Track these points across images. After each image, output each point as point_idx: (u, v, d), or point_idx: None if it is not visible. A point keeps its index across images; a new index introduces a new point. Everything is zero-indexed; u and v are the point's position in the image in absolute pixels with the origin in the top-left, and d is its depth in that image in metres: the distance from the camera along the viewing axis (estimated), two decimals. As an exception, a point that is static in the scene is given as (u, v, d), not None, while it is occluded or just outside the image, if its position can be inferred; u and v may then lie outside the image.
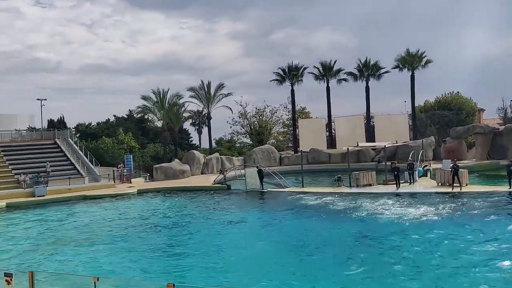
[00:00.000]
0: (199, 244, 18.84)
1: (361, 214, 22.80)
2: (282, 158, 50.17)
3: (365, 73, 52.94)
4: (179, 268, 15.49)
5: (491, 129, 42.64)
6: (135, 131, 63.58)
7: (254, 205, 28.41)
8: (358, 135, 46.60)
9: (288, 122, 62.01)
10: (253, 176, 33.95)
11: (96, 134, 60.59)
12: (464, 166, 33.66)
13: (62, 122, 62.85)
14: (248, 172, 34.90)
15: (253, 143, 58.71)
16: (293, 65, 54.25)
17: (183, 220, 24.44)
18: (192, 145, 67.33)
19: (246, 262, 15.90)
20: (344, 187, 31.24)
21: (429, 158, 42.58)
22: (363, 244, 17.52)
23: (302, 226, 21.41)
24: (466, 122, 51.15)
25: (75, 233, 22.20)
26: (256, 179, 33.57)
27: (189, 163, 44.14)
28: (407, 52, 51.61)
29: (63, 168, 40.60)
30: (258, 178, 33.46)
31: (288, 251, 17.14)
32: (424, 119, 54.94)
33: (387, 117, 50.63)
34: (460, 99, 56.53)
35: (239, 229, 21.81)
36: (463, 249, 15.60)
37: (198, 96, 55.14)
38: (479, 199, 24.45)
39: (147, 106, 53.70)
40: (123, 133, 57.70)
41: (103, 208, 29.54)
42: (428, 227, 19.34)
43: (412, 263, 14.66)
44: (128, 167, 43.82)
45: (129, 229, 22.48)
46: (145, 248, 18.43)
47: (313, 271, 14.45)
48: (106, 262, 16.64)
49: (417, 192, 28.21)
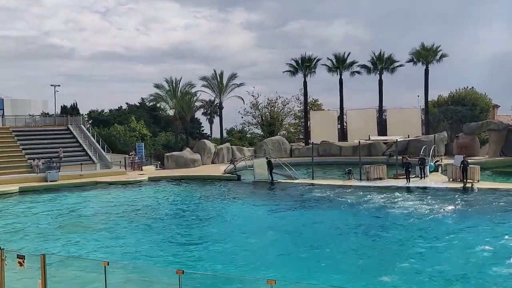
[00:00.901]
0: (206, 232, 19.00)
1: (369, 207, 22.81)
2: (292, 149, 50.14)
3: (378, 66, 52.49)
4: (187, 255, 15.63)
5: (505, 126, 42.16)
6: (147, 119, 63.80)
7: (262, 196, 28.48)
8: (370, 128, 46.25)
9: (299, 114, 61.82)
10: (262, 166, 33.99)
11: (108, 121, 60.91)
12: (477, 162, 33.42)
13: (75, 108, 63.23)
14: (256, 163, 34.94)
15: (264, 134, 58.69)
16: (306, 57, 53.91)
17: (192, 208, 24.61)
18: (203, 135, 67.42)
19: (250, 251, 16.00)
20: (354, 180, 31.20)
21: (441, 153, 42.28)
22: (364, 235, 17.62)
23: (309, 217, 21.47)
24: (480, 118, 50.57)
25: (86, 217, 22.51)
26: (264, 169, 33.61)
27: (200, 152, 44.28)
28: (422, 45, 51.07)
29: (75, 154, 40.97)
30: (267, 169, 33.50)
31: (292, 243, 17.20)
32: (437, 114, 54.42)
33: (399, 111, 50.18)
34: (474, 94, 55.88)
35: (244, 218, 21.89)
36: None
37: (210, 86, 55.18)
38: (489, 195, 24.32)
39: (159, 95, 53.86)
40: (135, 121, 57.94)
41: (114, 194, 29.84)
42: (433, 221, 19.35)
43: (420, 257, 14.67)
44: (140, 154, 44.11)
45: (138, 215, 22.71)
46: (153, 235, 18.63)
47: (315, 264, 14.51)
48: (115, 247, 16.84)
49: (427, 186, 28.07)
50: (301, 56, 54.01)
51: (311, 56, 54.01)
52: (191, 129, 61.06)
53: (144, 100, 65.17)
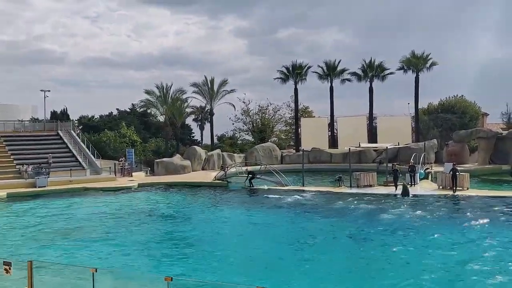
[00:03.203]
0: (195, 238, 18.88)
1: (358, 214, 22.87)
2: (283, 156, 50.17)
3: (369, 74, 52.79)
4: (174, 262, 15.51)
5: (494, 134, 42.51)
6: (138, 125, 63.59)
7: (252, 203, 28.37)
8: (360, 135, 46.49)
9: (290, 121, 62.00)
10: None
11: (99, 127, 60.61)
12: (466, 170, 33.62)
13: (65, 114, 62.89)
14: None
15: (255, 141, 58.71)
16: (297, 64, 54.11)
17: (181, 214, 24.50)
18: (194, 141, 67.33)
19: (239, 258, 15.93)
20: (344, 187, 31.24)
21: (431, 161, 42.49)
22: (350, 242, 17.64)
23: (298, 224, 21.45)
24: (470, 126, 50.96)
25: (74, 224, 22.25)
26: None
27: (190, 158, 44.15)
28: (412, 53, 51.46)
29: (65, 160, 40.66)
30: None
31: (283, 249, 17.15)
32: (427, 121, 54.80)
33: (390, 118, 50.52)
34: (464, 102, 56.37)
35: (234, 225, 21.80)
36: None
37: (201, 92, 55.18)
38: (477, 203, 24.49)
39: (150, 101, 53.79)
40: (126, 127, 57.71)
41: (103, 200, 29.61)
42: (419, 228, 19.43)
43: (404, 263, 14.70)
44: (130, 160, 43.92)
45: (127, 221, 22.54)
46: (142, 241, 18.47)
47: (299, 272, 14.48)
48: (104, 253, 16.67)
49: (417, 194, 28.14)
50: (292, 64, 54.28)
51: (302, 64, 54.32)
52: (181, 135, 60.93)
53: (135, 106, 65.11)
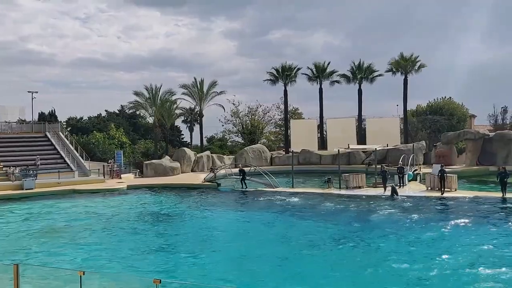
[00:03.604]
0: (184, 240, 18.81)
1: (347, 216, 22.96)
2: (273, 158, 50.19)
3: (358, 76, 53.04)
4: (164, 264, 15.44)
5: (481, 136, 42.89)
6: (127, 127, 63.37)
7: (241, 204, 28.33)
8: (350, 137, 46.70)
9: (280, 122, 62.09)
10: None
11: (87, 128, 60.31)
12: (454, 171, 33.87)
13: (53, 115, 62.45)
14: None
15: (245, 142, 58.69)
16: (287, 66, 54.22)
17: (169, 216, 24.41)
18: (183, 143, 67.19)
19: (228, 260, 15.91)
20: (333, 189, 31.32)
21: (419, 162, 42.76)
22: (337, 244, 17.64)
23: (288, 225, 21.47)
24: (457, 127, 51.42)
25: (62, 226, 22.07)
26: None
27: (180, 160, 44.02)
28: (401, 56, 51.78)
29: (52, 162, 40.30)
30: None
31: (271, 249, 17.15)
32: (416, 123, 55.21)
33: (378, 120, 50.79)
34: (452, 104, 56.89)
35: (223, 227, 21.75)
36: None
37: (190, 94, 55.04)
38: (465, 204, 24.70)
39: (139, 102, 53.48)
40: (115, 128, 57.42)
41: (92, 202, 29.37)
42: (406, 228, 19.59)
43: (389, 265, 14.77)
44: (118, 162, 43.67)
45: (114, 223, 22.41)
46: (131, 243, 18.37)
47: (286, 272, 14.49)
48: (91, 256, 16.55)
49: (405, 195, 28.28)
50: (281, 65, 54.36)
51: (292, 65, 54.43)
52: (170, 137, 60.79)
53: (124, 108, 64.79)
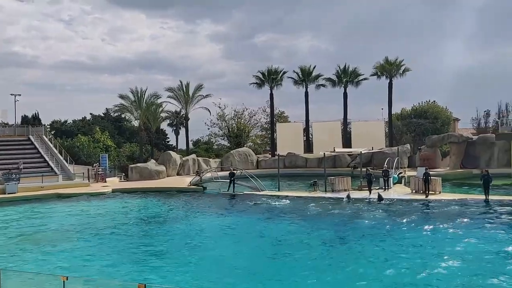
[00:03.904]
0: (168, 244, 18.67)
1: (332, 219, 23.03)
2: (259, 161, 50.20)
3: (343, 80, 53.32)
4: (149, 269, 15.32)
5: (465, 139, 43.37)
6: (112, 130, 62.92)
7: (228, 208, 28.22)
8: (335, 140, 46.96)
9: (266, 126, 62.19)
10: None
11: (72, 132, 59.79)
12: (438, 174, 34.19)
13: (37, 118, 61.82)
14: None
15: (231, 146, 58.63)
16: (273, 69, 54.33)
17: (154, 220, 24.24)
18: (169, 146, 66.98)
19: (213, 264, 15.85)
20: (319, 192, 31.41)
21: (404, 165, 43.10)
22: (321, 246, 17.72)
23: (274, 229, 21.43)
24: (441, 131, 52.00)
25: (44, 231, 21.80)
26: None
27: (165, 163, 43.81)
28: (386, 60, 52.18)
29: (36, 166, 39.83)
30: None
31: (257, 254, 17.12)
32: (401, 126, 55.72)
33: (364, 123, 51.13)
34: (436, 108, 57.54)
35: (209, 231, 21.64)
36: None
37: (176, 97, 54.85)
38: (449, 206, 24.93)
39: (124, 105, 53.16)
40: (100, 132, 56.98)
41: (76, 206, 29.08)
42: (390, 231, 19.69)
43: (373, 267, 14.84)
44: (103, 166, 43.33)
45: (99, 228, 22.17)
46: (115, 248, 18.20)
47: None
48: (75, 260, 16.36)
49: (390, 198, 28.47)
50: (267, 69, 54.43)
51: (278, 69, 54.55)
52: (156, 140, 60.52)
53: (109, 111, 64.42)
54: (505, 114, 56.07)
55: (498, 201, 25.66)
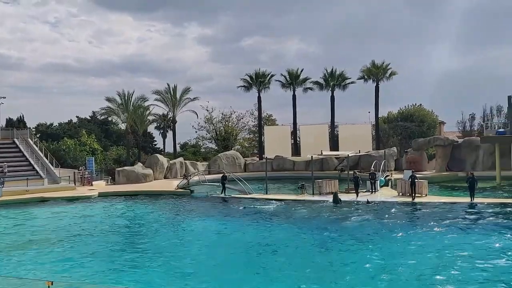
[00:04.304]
0: (156, 249, 18.53)
1: (320, 221, 23.07)
2: (247, 164, 50.14)
3: (330, 83, 53.49)
4: (135, 274, 15.19)
5: (451, 142, 43.77)
6: (98, 133, 62.46)
7: (215, 211, 28.11)
8: (322, 143, 47.08)
9: (254, 129, 62.17)
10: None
11: (58, 135, 59.25)
12: (424, 177, 34.45)
13: (22, 121, 61.15)
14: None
15: (219, 149, 58.49)
16: (260, 72, 54.36)
17: (141, 224, 24.09)
18: (156, 149, 66.61)
19: (199, 268, 15.78)
20: (307, 195, 31.45)
21: (391, 168, 43.33)
22: (309, 249, 17.74)
23: (260, 232, 21.40)
24: (427, 134, 52.39)
25: (29, 235, 21.52)
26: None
27: (152, 167, 43.57)
28: (373, 63, 52.45)
29: (21, 169, 39.40)
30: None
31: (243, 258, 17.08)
32: (387, 130, 56.04)
33: (351, 126, 51.36)
34: (422, 111, 57.97)
35: (196, 234, 21.54)
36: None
37: (163, 100, 54.56)
38: (435, 209, 25.15)
39: (111, 108, 52.76)
40: (86, 135, 56.52)
41: (61, 210, 28.75)
42: (378, 233, 19.83)
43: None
44: (90, 169, 42.96)
45: (84, 231, 21.96)
46: (101, 252, 18.02)
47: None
48: (59, 266, 16.15)
49: (377, 201, 28.61)
50: (255, 72, 54.45)
51: (265, 72, 54.61)
52: (143, 144, 60.19)
53: (96, 114, 63.98)
54: (489, 118, 56.80)
55: (483, 204, 25.94)
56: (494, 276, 13.79)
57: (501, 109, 55.71)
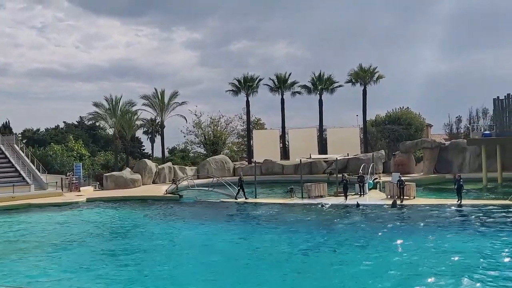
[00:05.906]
0: (144, 256, 18.39)
1: (309, 224, 23.08)
2: (236, 168, 50.00)
3: (318, 87, 53.67)
4: (123, 282, 15.06)
5: (438, 144, 44.10)
6: (86, 139, 62.02)
7: (204, 216, 27.95)
8: (311, 147, 47.09)
9: (242, 133, 62.06)
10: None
11: (45, 140, 58.71)
12: (412, 179, 34.64)
13: (8, 127, 60.57)
14: None
15: (207, 153, 58.31)
16: (249, 77, 54.38)
17: (129, 229, 23.92)
18: (144, 154, 66.29)
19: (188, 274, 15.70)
20: (296, 198, 31.47)
21: (379, 171, 43.50)
22: (299, 253, 17.71)
23: (250, 235, 21.40)
24: (415, 136, 52.71)
25: (13, 242, 21.26)
26: None
27: (141, 172, 43.32)
28: (360, 67, 52.75)
29: (7, 175, 38.97)
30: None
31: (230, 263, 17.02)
32: (375, 133, 56.30)
33: (339, 130, 51.48)
34: (409, 114, 58.32)
35: (184, 240, 21.42)
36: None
37: (151, 104, 54.30)
38: (422, 211, 25.30)
39: (98, 113, 52.42)
40: (73, 140, 56.07)
41: (48, 216, 28.46)
42: (367, 235, 19.87)
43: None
44: (77, 175, 42.59)
45: (71, 238, 21.75)
46: (87, 259, 17.82)
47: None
48: (45, 273, 15.95)
49: (365, 204, 28.69)
50: (243, 76, 54.45)
51: (254, 76, 54.62)
52: (131, 149, 59.85)
53: (83, 119, 63.51)
54: (475, 120, 57.29)
55: (470, 205, 26.17)
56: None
57: (487, 111, 56.14)
